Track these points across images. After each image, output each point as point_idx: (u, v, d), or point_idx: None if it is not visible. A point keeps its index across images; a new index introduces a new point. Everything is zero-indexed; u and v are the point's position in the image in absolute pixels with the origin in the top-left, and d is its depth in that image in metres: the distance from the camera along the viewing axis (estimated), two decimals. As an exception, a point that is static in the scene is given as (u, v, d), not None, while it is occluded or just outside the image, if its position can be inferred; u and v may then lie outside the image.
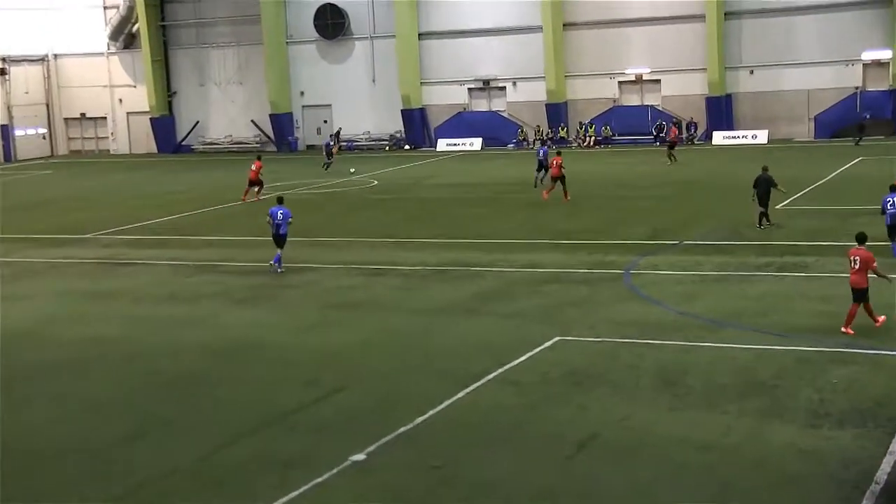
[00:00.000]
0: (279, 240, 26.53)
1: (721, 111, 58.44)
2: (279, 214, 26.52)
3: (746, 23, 57.80)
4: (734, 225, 30.24)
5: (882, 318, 18.35)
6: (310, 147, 68.70)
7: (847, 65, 55.84)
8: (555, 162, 37.79)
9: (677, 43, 59.10)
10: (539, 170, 40.79)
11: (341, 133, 60.66)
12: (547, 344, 18.33)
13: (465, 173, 48.50)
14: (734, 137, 57.50)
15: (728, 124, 58.52)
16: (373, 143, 66.53)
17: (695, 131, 58.85)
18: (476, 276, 24.85)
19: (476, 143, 62.89)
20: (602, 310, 20.80)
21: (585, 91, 62.02)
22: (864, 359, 16.50)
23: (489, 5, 62.92)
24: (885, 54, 54.95)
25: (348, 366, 17.72)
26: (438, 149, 63.24)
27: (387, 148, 65.79)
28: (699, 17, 58.15)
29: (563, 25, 61.49)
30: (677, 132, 53.64)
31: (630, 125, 60.19)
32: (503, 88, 64.28)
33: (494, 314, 20.93)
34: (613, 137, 60.42)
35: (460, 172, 48.78)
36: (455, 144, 63.19)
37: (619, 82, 61.69)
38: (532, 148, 61.02)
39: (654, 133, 59.04)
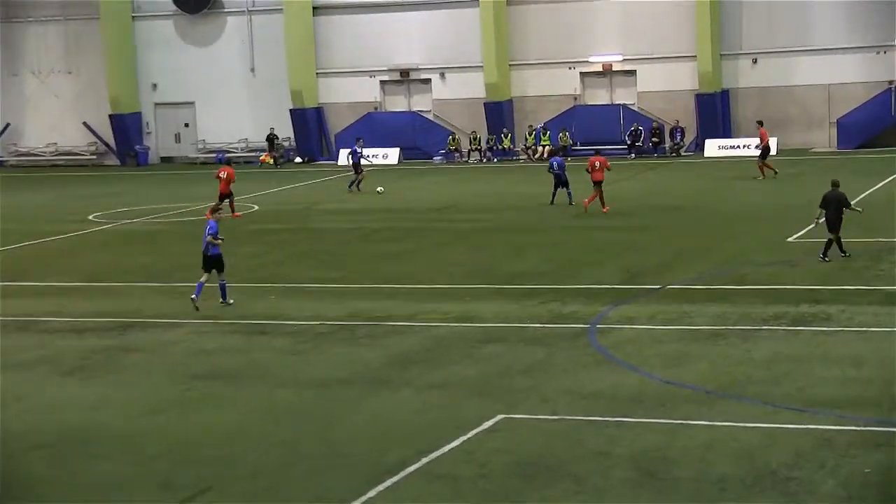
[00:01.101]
0: (208, 262, 27.61)
1: (716, 113, 59.50)
2: (207, 229, 27.84)
3: (748, -2, 59.05)
4: (734, 263, 30.72)
5: None
6: (165, 159, 68.35)
7: (878, 52, 57.32)
8: (597, 163, 40.24)
9: (658, 22, 60.09)
10: (557, 186, 42.08)
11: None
12: (487, 424, 18.36)
13: (378, 195, 48.59)
14: (733, 147, 58.56)
15: (725, 130, 59.60)
16: (252, 153, 66.41)
17: (681, 139, 59.81)
18: (392, 334, 24.81)
19: (392, 155, 63.13)
20: (560, 378, 20.91)
21: (537, 86, 62.74)
22: (902, 440, 16.87)
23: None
24: (926, 39, 56.59)
25: (216, 459, 17.55)
26: (341, 162, 63.23)
27: (271, 160, 65.66)
28: (686, -11, 59.24)
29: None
30: (767, 135, 50.76)
31: (596, 131, 60.83)
32: (428, 82, 64.78)
33: (417, 385, 20.92)
34: (574, 147, 61.00)
35: (370, 196, 48.86)
36: (364, 157, 63.07)
37: (582, 74, 62.53)
38: (467, 161, 61.52)
39: (629, 141, 59.81)
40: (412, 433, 18.17)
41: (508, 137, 62.25)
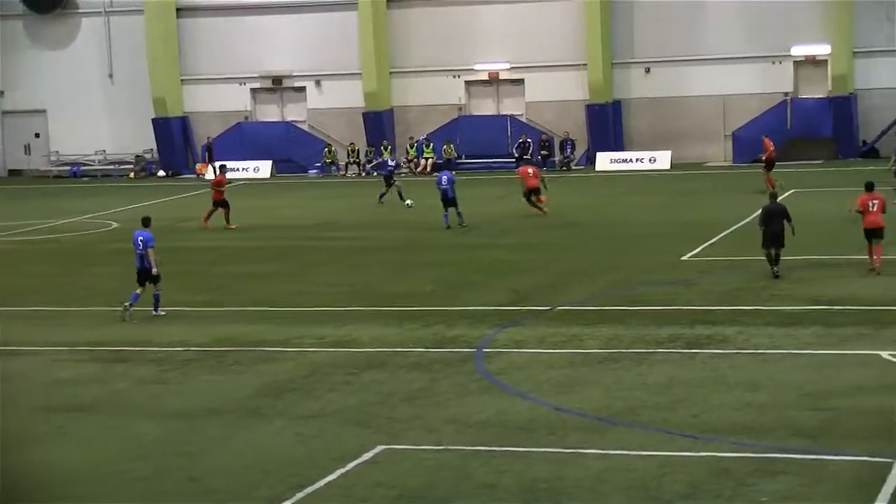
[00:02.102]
0: (143, 275, 28.52)
1: (607, 125, 60.20)
2: (139, 240, 28.53)
3: (639, 2, 59.90)
4: (627, 283, 31.14)
5: None
6: (13, 173, 67.21)
7: (773, 62, 58.56)
8: (530, 171, 42.27)
9: (547, 29, 60.63)
10: (447, 206, 41.35)
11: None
12: (367, 456, 18.38)
13: (249, 212, 48.31)
14: (625, 161, 59.35)
15: (617, 143, 60.33)
16: (110, 166, 65.76)
17: (571, 152, 60.39)
18: (264, 361, 24.73)
19: (264, 168, 62.87)
20: (445, 406, 21.00)
21: (419, 95, 62.93)
22: (800, 467, 17.20)
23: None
24: (821, 49, 57.89)
25: (69, 499, 17.34)
26: (208, 176, 62.76)
27: (131, 174, 65.03)
28: (577, -6, 59.91)
29: (387, 1, 62.37)
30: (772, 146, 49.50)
31: (482, 143, 61.22)
32: (302, 90, 64.69)
33: (291, 415, 20.86)
34: (459, 159, 61.27)
35: (241, 211, 48.52)
36: (232, 170, 62.75)
37: (467, 83, 62.88)
38: (344, 174, 61.47)
39: (517, 154, 60.13)
40: (285, 467, 18.09)
41: (389, 150, 62.25)
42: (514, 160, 59.84)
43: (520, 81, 62.24)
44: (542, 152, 60.52)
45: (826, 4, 57.08)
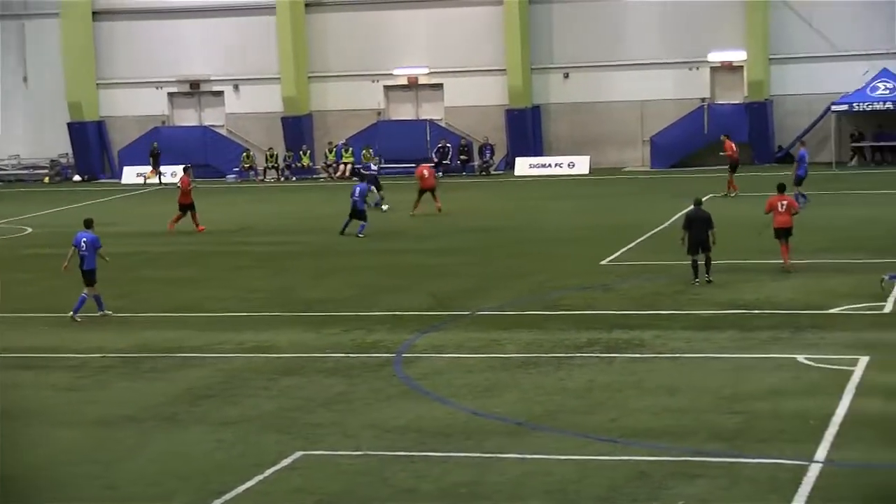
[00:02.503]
0: (87, 276, 28.90)
1: (526, 130, 60.45)
2: (83, 242, 28.90)
3: (558, 8, 60.30)
4: (546, 288, 31.26)
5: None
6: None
7: (691, 68, 59.13)
8: (425, 172, 42.65)
9: (466, 34, 60.82)
10: (352, 217, 40.89)
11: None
12: (285, 462, 18.30)
13: (165, 217, 47.95)
14: (544, 166, 59.62)
15: (536, 148, 60.58)
16: (24, 171, 65.01)
17: (491, 157, 60.55)
18: (182, 367, 24.56)
19: (181, 173, 62.26)
20: (364, 411, 20.97)
21: (338, 99, 62.89)
22: (717, 470, 17.37)
23: (197, -26, 63.12)
24: (737, 55, 58.55)
25: (-14, 507, 17.14)
26: (125, 181, 62.40)
27: (46, 179, 64.33)
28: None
29: (306, 5, 62.22)
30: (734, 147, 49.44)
31: (401, 147, 61.13)
32: (220, 94, 64.35)
33: (209, 421, 20.74)
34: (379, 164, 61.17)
35: (157, 217, 48.20)
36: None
37: (386, 87, 62.90)
38: (263, 179, 61.27)
39: (436, 159, 60.21)
40: (203, 473, 17.98)
41: (308, 155, 62.15)
42: (433, 165, 59.87)
43: (439, 86, 62.35)
44: (462, 157, 60.63)
45: (742, 11, 57.68)
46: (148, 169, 61.68)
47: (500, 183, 57.31)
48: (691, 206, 31.16)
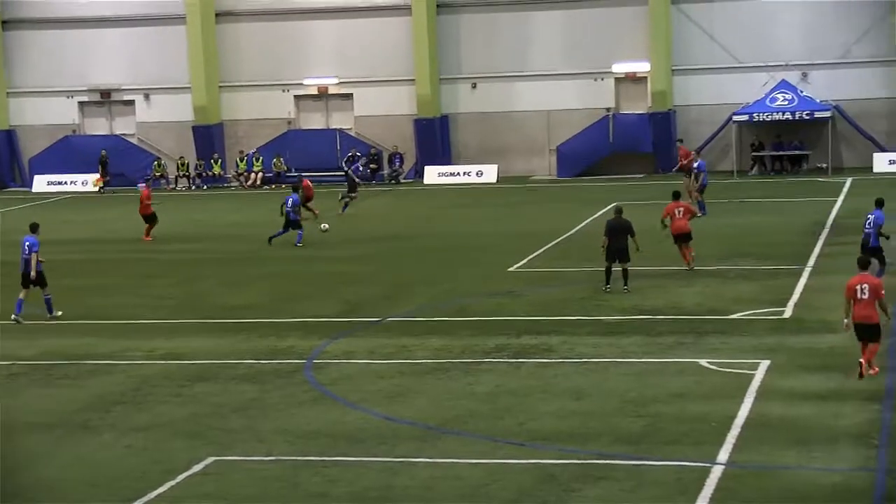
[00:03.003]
0: (26, 279, 29.25)
1: (435, 139, 60.55)
2: (26, 245, 29.43)
3: (466, 19, 60.47)
4: (456, 294, 31.35)
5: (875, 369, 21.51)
6: None
7: (596, 79, 59.57)
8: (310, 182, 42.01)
9: (375, 44, 60.84)
10: (287, 227, 40.61)
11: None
12: (197, 468, 18.20)
13: (77, 226, 47.54)
14: (453, 175, 59.73)
15: (445, 157, 60.71)
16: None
17: (400, 165, 60.59)
18: (94, 374, 24.35)
19: (92, 182, 61.77)
20: (275, 417, 20.91)
21: (249, 109, 62.61)
22: (623, 472, 17.53)
23: (102, -18, 62.55)
24: (641, 67, 59.12)
25: None
26: (35, 189, 61.62)
27: (-45, 187, 63.32)
28: (404, 10, 60.20)
29: (216, 15, 61.91)
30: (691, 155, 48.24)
31: (311, 156, 60.94)
32: (131, 103, 63.77)
33: (120, 428, 20.57)
34: (289, 173, 61.02)
35: (69, 225, 47.72)
36: (61, 183, 61.79)
37: (297, 97, 62.73)
38: (174, 188, 60.83)
39: (346, 167, 60.02)
40: (115, 480, 17.83)
41: (219, 163, 61.85)
42: (343, 174, 59.73)
43: (349, 96, 62.30)
44: (372, 166, 60.57)
45: (646, 24, 58.21)
46: (95, 176, 61.02)
47: (410, 191, 57.32)
48: (612, 215, 31.13)
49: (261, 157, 61.09)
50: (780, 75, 57.17)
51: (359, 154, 54.65)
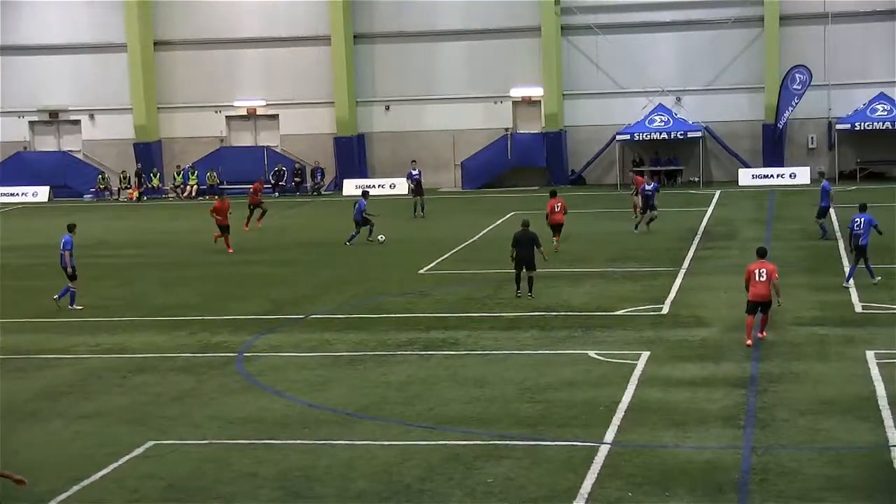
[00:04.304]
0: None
1: (353, 155, 60.55)
2: (62, 244, 30.16)
3: (380, 48, 60.51)
4: (372, 294, 31.28)
5: (764, 333, 23.91)
6: None
7: (496, 102, 59.87)
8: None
9: (299, 70, 60.77)
10: (359, 230, 40.07)
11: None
12: (138, 451, 18.03)
13: (25, 233, 46.81)
14: (369, 187, 59.36)
15: (361, 171, 60.67)
16: None
17: (321, 179, 60.44)
18: (43, 367, 24.04)
19: (42, 193, 61.04)
20: (209, 404, 20.76)
21: (185, 128, 62.20)
22: (521, 452, 17.59)
23: (56, 13, 61.64)
24: (535, 91, 59.49)
25: None
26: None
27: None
28: (324, 40, 60.12)
29: (155, 44, 61.41)
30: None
31: (242, 171, 60.66)
32: (77, 123, 63.02)
33: (68, 416, 20.30)
34: (221, 186, 60.70)
35: (18, 232, 46.97)
36: (12, 195, 60.84)
37: (228, 117, 62.41)
38: (117, 199, 60.19)
39: (273, 181, 59.99)
40: (63, 463, 17.60)
41: (157, 177, 61.37)
42: (270, 186, 59.56)
43: (275, 116, 62.10)
44: (296, 179, 60.53)
45: (539, 54, 58.56)
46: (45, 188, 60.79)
47: (330, 202, 57.10)
48: (520, 228, 30.25)
49: (196, 172, 60.67)
50: (657, 99, 57.85)
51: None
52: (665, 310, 27.74)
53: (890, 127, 54.81)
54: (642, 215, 41.11)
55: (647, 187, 40.74)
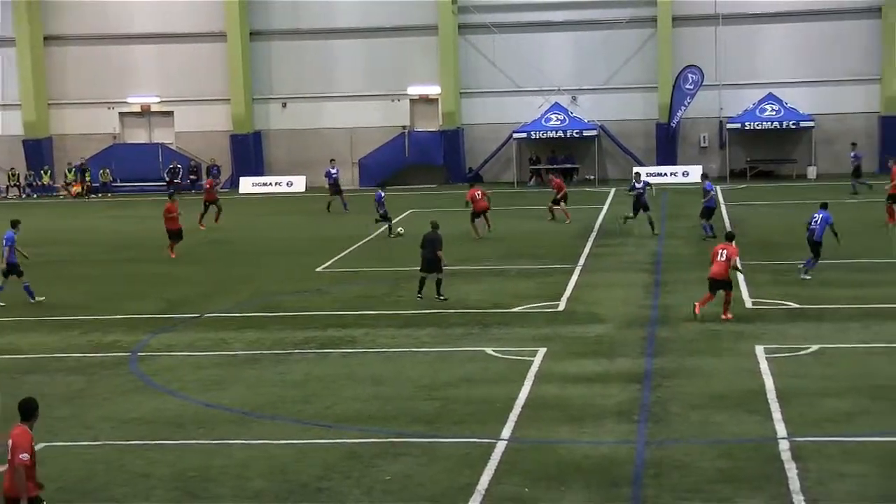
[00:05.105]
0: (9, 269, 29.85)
1: (249, 153, 60.20)
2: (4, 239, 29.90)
3: (277, 45, 60.20)
4: (269, 292, 31.09)
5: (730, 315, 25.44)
6: None
7: (393, 100, 59.88)
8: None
9: (194, 67, 60.23)
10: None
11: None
12: (29, 454, 17.69)
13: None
14: (265, 185, 59.38)
15: (258, 169, 60.29)
16: None
17: (217, 176, 59.83)
18: (-71, 369, 23.47)
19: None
20: (102, 405, 20.46)
21: (76, 124, 61.28)
22: (418, 449, 17.60)
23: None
24: (433, 90, 59.61)
25: None
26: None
27: None
28: (220, 36, 59.62)
29: (45, 39, 60.37)
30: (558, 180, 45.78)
31: (136, 168, 60.10)
32: (-35, 119, 61.82)
33: (-45, 419, 19.84)
34: (114, 184, 60.01)
35: None
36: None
37: (121, 114, 61.61)
38: (6, 196, 59.10)
39: (168, 178, 59.37)
40: (-49, 466, 17.19)
41: (48, 174, 60.31)
42: (165, 184, 58.95)
43: (170, 113, 61.45)
44: (191, 176, 59.93)
45: (436, 52, 58.69)
46: None
47: (226, 200, 56.49)
48: (429, 229, 29.90)
49: (88, 169, 59.77)
50: (553, 98, 58.31)
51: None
52: (561, 307, 27.97)
53: (778, 127, 55.94)
54: (633, 216, 39.53)
55: (638, 185, 39.56)
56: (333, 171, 50.19)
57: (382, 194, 41.68)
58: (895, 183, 39.05)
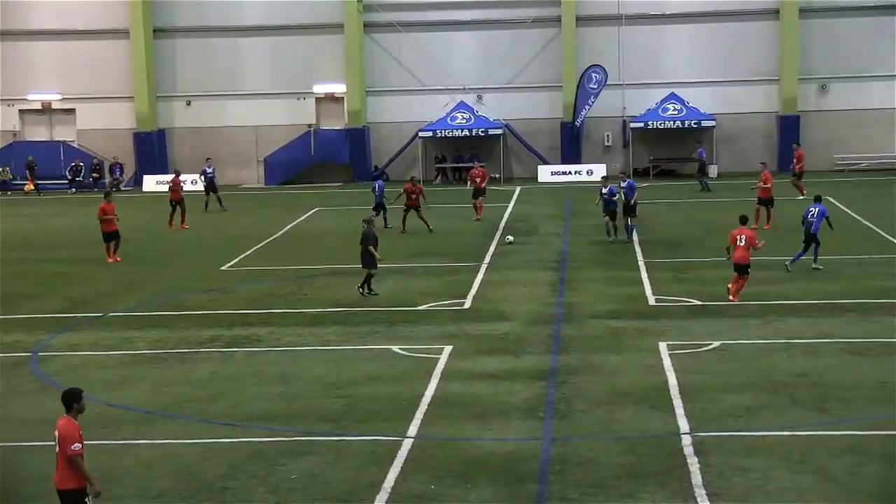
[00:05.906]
0: None
1: (153, 151, 59.57)
2: None
3: (181, 43, 59.60)
4: (173, 291, 30.77)
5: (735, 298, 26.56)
6: None
7: (299, 98, 59.62)
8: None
9: (97, 64, 59.44)
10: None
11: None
12: (-74, 457, 17.33)
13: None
14: (167, 183, 58.49)
15: (161, 167, 59.61)
16: None
17: (121, 174, 59.20)
18: None
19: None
20: (1, 406, 20.15)
21: (-25, 121, 60.11)
22: (324, 447, 17.55)
23: None
24: (338, 88, 59.46)
25: None
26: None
27: None
28: (123, 33, 58.89)
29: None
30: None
31: (37, 166, 58.99)
32: None
33: None
34: (13, 181, 59.05)
35: None
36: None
37: (21, 111, 60.60)
38: None
39: (70, 176, 58.55)
40: None
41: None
42: (67, 182, 58.10)
43: (72, 111, 60.55)
44: (94, 174, 59.12)
45: (341, 50, 58.57)
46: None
47: (129, 198, 55.89)
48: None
49: (-14, 167, 58.82)
50: (458, 97, 58.48)
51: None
52: (467, 304, 28.07)
53: (680, 126, 56.70)
54: (614, 223, 36.54)
55: (605, 191, 36.58)
56: (209, 170, 49.81)
57: (383, 184, 41.89)
58: (763, 185, 39.06)
